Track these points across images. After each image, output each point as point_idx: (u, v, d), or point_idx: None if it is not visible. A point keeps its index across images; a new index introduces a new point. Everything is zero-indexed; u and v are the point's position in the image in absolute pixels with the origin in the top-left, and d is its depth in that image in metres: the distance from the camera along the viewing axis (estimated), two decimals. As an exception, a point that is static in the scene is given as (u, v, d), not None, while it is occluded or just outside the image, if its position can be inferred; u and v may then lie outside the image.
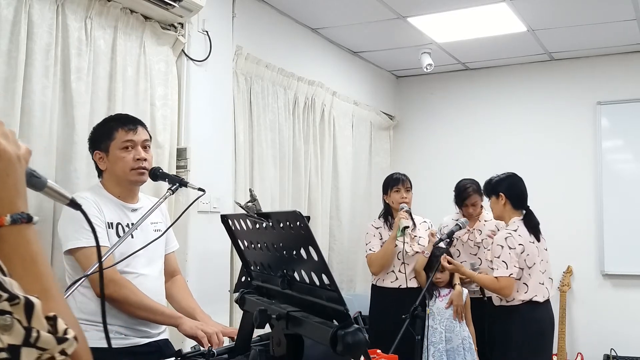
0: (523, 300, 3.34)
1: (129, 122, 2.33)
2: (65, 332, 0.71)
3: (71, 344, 0.71)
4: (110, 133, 2.29)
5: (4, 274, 0.71)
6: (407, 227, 3.82)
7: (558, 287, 5.14)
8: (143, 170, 2.29)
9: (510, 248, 3.31)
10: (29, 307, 0.67)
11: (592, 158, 5.25)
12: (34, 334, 0.66)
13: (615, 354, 4.87)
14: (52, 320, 0.70)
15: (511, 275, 3.28)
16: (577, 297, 5.23)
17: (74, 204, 0.95)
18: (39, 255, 0.80)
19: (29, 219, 0.80)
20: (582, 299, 5.21)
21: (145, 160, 2.30)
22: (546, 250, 3.50)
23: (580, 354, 5.04)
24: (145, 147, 2.33)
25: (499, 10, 4.20)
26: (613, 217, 5.13)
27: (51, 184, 0.91)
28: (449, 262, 3.59)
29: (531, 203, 3.53)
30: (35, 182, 0.88)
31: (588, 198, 5.23)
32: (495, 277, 3.33)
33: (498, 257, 3.32)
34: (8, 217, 0.78)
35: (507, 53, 5.26)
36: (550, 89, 5.46)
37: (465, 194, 4.01)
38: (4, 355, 0.65)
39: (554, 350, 4.94)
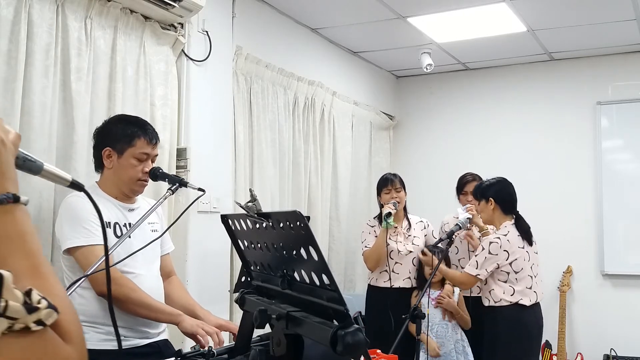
0: (510, 302, 3.39)
1: (151, 135, 2.32)
2: (38, 302, 0.73)
3: (49, 314, 0.74)
4: (132, 138, 2.26)
5: None
6: (390, 213, 3.84)
7: (558, 287, 5.14)
8: (145, 183, 2.32)
9: (490, 253, 3.39)
10: None
11: (592, 158, 5.25)
12: (2, 304, 0.69)
13: (615, 354, 4.87)
14: (27, 295, 0.72)
15: (478, 276, 3.41)
16: (577, 297, 5.23)
17: (74, 185, 0.97)
18: (28, 234, 0.82)
19: (15, 199, 0.81)
20: (582, 299, 5.21)
21: (147, 173, 2.31)
22: (536, 253, 3.53)
23: (580, 354, 5.03)
24: (153, 162, 2.36)
25: (499, 10, 4.20)
26: (613, 217, 5.13)
27: (49, 167, 0.94)
28: (424, 254, 3.77)
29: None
30: (30, 165, 0.91)
31: (588, 198, 5.23)
32: (464, 272, 3.49)
33: (476, 255, 3.47)
34: None
35: (507, 53, 5.26)
36: (550, 89, 5.46)
37: (464, 180, 4.17)
38: None
39: (554, 350, 4.95)
